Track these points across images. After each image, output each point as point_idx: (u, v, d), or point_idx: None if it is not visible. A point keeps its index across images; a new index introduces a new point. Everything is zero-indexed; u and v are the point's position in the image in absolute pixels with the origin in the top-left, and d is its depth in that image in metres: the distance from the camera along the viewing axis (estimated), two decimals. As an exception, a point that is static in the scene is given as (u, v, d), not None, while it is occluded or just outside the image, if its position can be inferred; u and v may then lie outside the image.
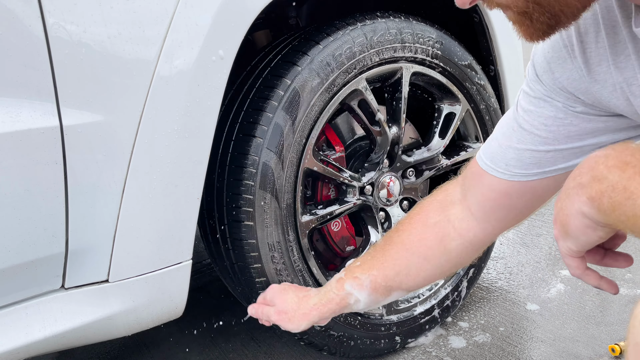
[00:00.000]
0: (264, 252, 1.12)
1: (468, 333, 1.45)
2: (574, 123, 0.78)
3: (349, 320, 1.27)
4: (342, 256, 1.39)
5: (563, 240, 0.66)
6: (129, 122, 0.90)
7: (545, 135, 0.80)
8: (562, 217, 0.64)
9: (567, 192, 0.63)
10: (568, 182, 0.63)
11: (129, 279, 0.97)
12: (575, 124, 0.78)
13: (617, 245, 0.70)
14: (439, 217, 0.95)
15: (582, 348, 1.35)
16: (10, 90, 0.80)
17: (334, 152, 1.30)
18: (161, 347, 1.46)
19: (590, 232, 0.62)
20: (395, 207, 1.37)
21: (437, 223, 0.95)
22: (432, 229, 0.95)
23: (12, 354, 0.89)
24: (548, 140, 0.80)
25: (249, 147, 1.10)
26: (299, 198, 1.16)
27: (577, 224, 0.62)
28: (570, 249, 0.66)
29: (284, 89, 1.10)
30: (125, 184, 0.92)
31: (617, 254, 0.70)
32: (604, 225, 0.61)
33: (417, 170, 1.40)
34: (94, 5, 0.84)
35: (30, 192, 0.84)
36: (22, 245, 0.86)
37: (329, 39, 1.15)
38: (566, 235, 0.65)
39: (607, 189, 0.57)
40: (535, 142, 0.81)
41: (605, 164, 0.59)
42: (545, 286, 1.68)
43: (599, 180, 0.58)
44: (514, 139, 0.83)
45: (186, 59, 0.93)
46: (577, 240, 0.64)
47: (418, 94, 1.47)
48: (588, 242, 0.64)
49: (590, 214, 0.60)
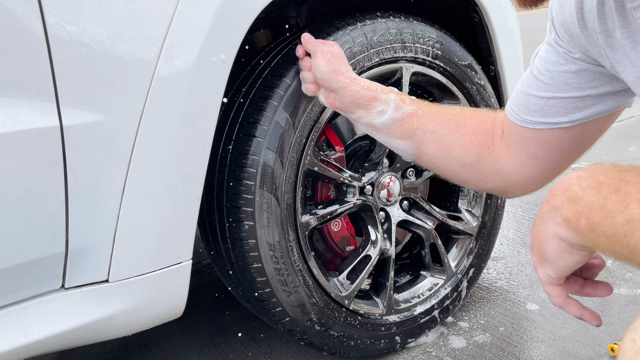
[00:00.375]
0: (264, 252, 1.12)
1: (468, 333, 1.45)
2: (571, 70, 0.78)
3: (349, 320, 1.27)
4: (342, 256, 1.39)
5: (541, 267, 0.65)
6: (129, 122, 0.90)
7: (546, 82, 0.81)
8: (537, 242, 0.64)
9: (540, 216, 0.63)
10: (542, 206, 0.63)
11: (129, 279, 0.97)
12: (573, 71, 0.78)
13: (595, 274, 0.69)
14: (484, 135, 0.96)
15: (582, 348, 1.35)
16: (10, 90, 0.80)
17: (334, 152, 1.30)
18: (161, 347, 1.46)
19: (567, 255, 0.61)
20: (395, 207, 1.37)
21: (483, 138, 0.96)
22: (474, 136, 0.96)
23: (12, 354, 0.89)
24: (549, 86, 0.81)
25: (249, 147, 1.10)
26: (299, 198, 1.16)
27: (553, 248, 0.62)
28: (549, 276, 0.65)
29: (284, 89, 1.11)
30: (125, 184, 0.92)
31: (596, 283, 0.69)
32: (580, 248, 0.60)
33: (417, 170, 1.40)
34: (94, 5, 0.84)
35: (30, 192, 0.84)
36: (22, 245, 0.86)
37: (328, 39, 1.15)
38: (543, 261, 0.64)
39: (584, 209, 0.57)
40: (539, 87, 0.82)
41: (579, 184, 0.58)
42: (545, 286, 1.68)
43: (574, 201, 0.58)
44: (525, 84, 0.85)
45: (186, 59, 0.93)
46: (555, 265, 0.63)
47: (418, 94, 1.47)
48: (565, 266, 0.63)
49: (566, 236, 0.60)
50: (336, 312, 1.25)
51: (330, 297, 1.24)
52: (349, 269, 1.30)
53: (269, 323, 1.32)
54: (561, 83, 0.80)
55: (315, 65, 1.05)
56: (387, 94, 1.04)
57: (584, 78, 0.78)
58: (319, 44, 1.07)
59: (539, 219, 0.63)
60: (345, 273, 1.29)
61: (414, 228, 1.42)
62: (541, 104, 0.83)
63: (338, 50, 1.07)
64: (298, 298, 1.18)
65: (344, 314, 1.26)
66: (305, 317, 1.21)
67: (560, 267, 0.63)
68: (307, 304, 1.20)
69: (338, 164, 1.26)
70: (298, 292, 1.18)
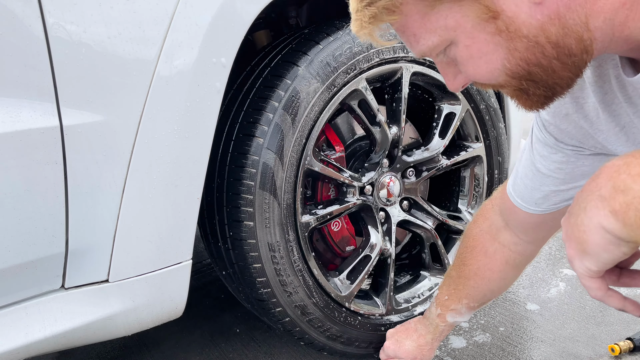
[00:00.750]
0: (264, 252, 1.12)
1: (468, 333, 1.45)
2: (586, 164, 0.83)
3: (349, 320, 1.27)
4: (342, 256, 1.39)
5: (580, 260, 0.60)
6: (129, 122, 0.90)
7: (562, 177, 0.87)
8: (578, 234, 0.58)
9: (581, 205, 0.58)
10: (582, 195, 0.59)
11: (129, 279, 0.97)
12: (588, 164, 0.83)
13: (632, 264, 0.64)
14: (494, 246, 1.09)
15: (582, 348, 1.35)
16: (10, 90, 0.80)
17: (334, 152, 1.30)
18: (161, 347, 1.46)
19: (613, 248, 0.56)
20: (395, 207, 1.37)
21: (496, 251, 1.09)
22: (494, 257, 1.09)
23: (12, 354, 0.89)
24: (567, 179, 0.87)
25: (249, 147, 1.10)
26: (299, 198, 1.16)
27: (598, 241, 0.56)
28: (589, 269, 0.59)
29: (284, 89, 1.10)
30: (125, 184, 0.92)
31: (634, 272, 0.64)
32: (628, 241, 0.55)
33: (417, 170, 1.40)
34: (94, 5, 0.84)
35: (30, 192, 0.84)
36: (22, 245, 0.86)
37: (329, 39, 1.15)
38: (584, 254, 0.59)
39: (634, 200, 0.52)
40: (556, 183, 0.88)
41: (627, 172, 0.54)
42: (545, 286, 1.68)
43: (623, 191, 0.53)
44: (536, 182, 0.91)
45: (186, 59, 0.93)
46: (598, 258, 0.58)
47: (418, 94, 1.47)
48: (610, 259, 0.57)
49: (613, 228, 0.54)
50: (336, 312, 1.25)
51: (330, 297, 1.24)
52: (349, 269, 1.29)
53: (269, 323, 1.32)
54: (579, 175, 0.85)
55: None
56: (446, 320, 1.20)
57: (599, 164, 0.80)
58: None
59: (578, 208, 0.58)
60: (345, 273, 1.29)
61: (414, 228, 1.42)
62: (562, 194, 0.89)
63: None
64: (298, 298, 1.18)
65: (344, 314, 1.26)
66: (306, 318, 1.21)
67: (604, 260, 0.58)
68: (308, 304, 1.20)
69: (338, 164, 1.26)
70: (298, 293, 1.18)
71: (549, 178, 0.88)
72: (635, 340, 1.30)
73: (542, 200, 0.92)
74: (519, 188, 0.95)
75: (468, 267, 1.13)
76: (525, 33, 0.57)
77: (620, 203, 0.53)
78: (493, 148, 1.47)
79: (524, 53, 0.58)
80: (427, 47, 0.62)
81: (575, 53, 0.58)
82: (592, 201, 0.57)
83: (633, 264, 0.65)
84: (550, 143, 0.85)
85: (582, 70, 0.60)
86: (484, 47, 0.59)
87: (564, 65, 0.59)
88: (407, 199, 1.41)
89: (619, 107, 0.68)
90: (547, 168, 0.87)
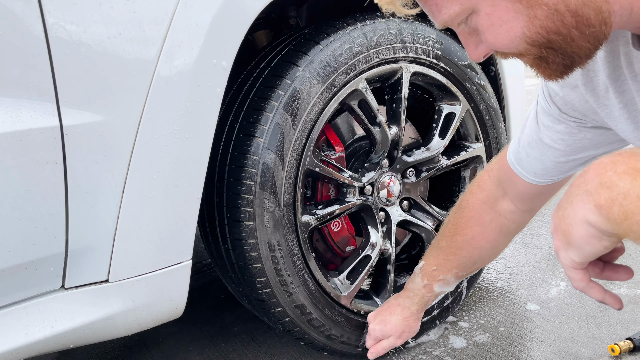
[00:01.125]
0: (264, 252, 1.12)
1: (468, 333, 1.45)
2: (587, 137, 0.86)
3: (349, 320, 1.27)
4: (342, 256, 1.39)
5: (564, 251, 0.63)
6: (129, 122, 0.90)
7: (563, 149, 0.89)
8: (564, 226, 0.61)
9: (569, 199, 0.61)
10: (571, 190, 0.61)
11: (129, 279, 0.97)
12: (589, 138, 0.86)
13: (615, 258, 0.67)
14: (491, 215, 1.10)
15: (582, 348, 1.35)
16: (10, 90, 0.80)
17: (334, 152, 1.30)
18: (161, 347, 1.46)
19: (596, 241, 0.59)
20: (395, 207, 1.37)
21: (492, 220, 1.10)
22: (489, 226, 1.11)
23: (12, 354, 0.89)
24: (567, 152, 0.89)
25: (249, 147, 1.10)
26: (299, 198, 1.16)
27: (582, 233, 0.59)
28: (572, 260, 0.63)
29: (284, 89, 1.10)
30: (125, 184, 0.92)
31: (616, 267, 0.67)
32: (610, 235, 0.58)
33: (417, 170, 1.40)
34: (94, 5, 0.84)
35: (30, 192, 0.84)
36: (22, 245, 0.86)
37: (329, 39, 1.15)
38: (568, 246, 0.62)
39: (618, 196, 0.55)
40: (557, 155, 0.90)
41: (614, 170, 0.56)
42: (545, 286, 1.68)
43: (608, 187, 0.56)
44: (537, 151, 0.93)
45: (186, 59, 0.93)
46: (581, 250, 0.61)
47: (418, 94, 1.47)
48: (592, 252, 0.61)
49: (596, 222, 0.57)
50: (336, 312, 1.25)
51: (330, 297, 1.24)
52: (349, 269, 1.29)
53: (269, 323, 1.32)
54: (578, 148, 0.89)
55: None
56: (433, 290, 1.22)
57: (599, 137, 0.85)
58: (393, 343, 1.27)
59: (566, 202, 0.61)
60: (345, 273, 1.29)
61: (414, 228, 1.42)
62: (560, 166, 0.92)
63: None
64: (298, 298, 1.18)
65: (344, 314, 1.26)
66: (306, 318, 1.21)
67: (587, 252, 0.61)
68: (307, 305, 1.20)
69: (338, 164, 1.26)
70: (298, 293, 1.18)
71: (550, 149, 0.90)
72: (635, 340, 1.30)
73: (542, 172, 0.95)
74: (519, 156, 0.97)
75: (462, 236, 1.14)
76: (545, 1, 0.58)
77: (605, 198, 0.56)
78: (493, 148, 1.47)
79: (543, 21, 0.59)
80: (449, 15, 0.63)
81: (594, 24, 0.58)
82: (578, 195, 0.59)
83: (617, 259, 0.68)
84: (554, 114, 0.87)
85: (602, 42, 0.61)
86: (505, 14, 0.60)
87: (582, 35, 0.59)
88: (407, 199, 1.41)
89: (624, 83, 0.70)
90: (550, 138, 0.89)
